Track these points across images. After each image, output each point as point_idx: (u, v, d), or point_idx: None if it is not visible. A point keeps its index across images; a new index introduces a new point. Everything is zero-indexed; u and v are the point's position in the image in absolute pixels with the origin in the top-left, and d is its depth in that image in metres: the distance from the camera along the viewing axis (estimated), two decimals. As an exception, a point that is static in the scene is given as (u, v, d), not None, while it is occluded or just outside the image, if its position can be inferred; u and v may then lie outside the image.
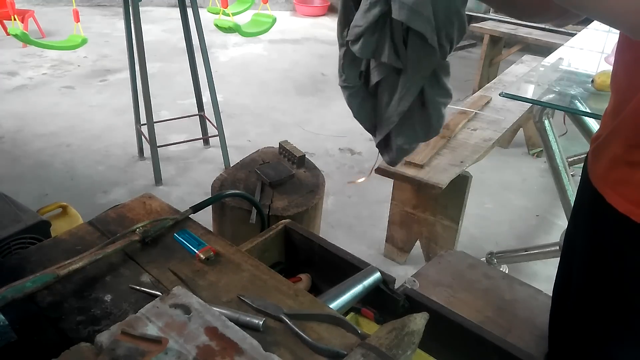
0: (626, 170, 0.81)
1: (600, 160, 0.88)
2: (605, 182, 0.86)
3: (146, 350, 0.62)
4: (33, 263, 0.86)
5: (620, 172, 0.82)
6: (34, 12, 5.69)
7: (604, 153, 0.87)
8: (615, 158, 0.83)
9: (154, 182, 3.08)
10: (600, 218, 0.88)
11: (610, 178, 0.84)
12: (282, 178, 1.91)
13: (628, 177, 0.80)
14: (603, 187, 0.86)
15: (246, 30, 3.69)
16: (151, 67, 3.07)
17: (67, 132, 3.68)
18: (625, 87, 0.81)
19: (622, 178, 0.82)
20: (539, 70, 2.28)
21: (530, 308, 1.38)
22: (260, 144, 2.40)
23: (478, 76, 4.33)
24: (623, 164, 0.81)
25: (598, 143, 0.89)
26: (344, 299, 0.87)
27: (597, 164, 0.89)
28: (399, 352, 0.68)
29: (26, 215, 1.59)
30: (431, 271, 1.49)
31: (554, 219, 2.87)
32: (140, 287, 0.81)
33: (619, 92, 0.84)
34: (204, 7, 3.65)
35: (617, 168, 0.83)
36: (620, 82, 0.84)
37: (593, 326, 0.92)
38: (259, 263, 0.88)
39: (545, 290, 1.41)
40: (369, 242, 2.63)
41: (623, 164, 0.81)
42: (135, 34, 2.79)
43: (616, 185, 0.83)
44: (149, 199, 1.06)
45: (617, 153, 0.82)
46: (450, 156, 2.20)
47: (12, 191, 1.82)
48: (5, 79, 4.61)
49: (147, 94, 2.89)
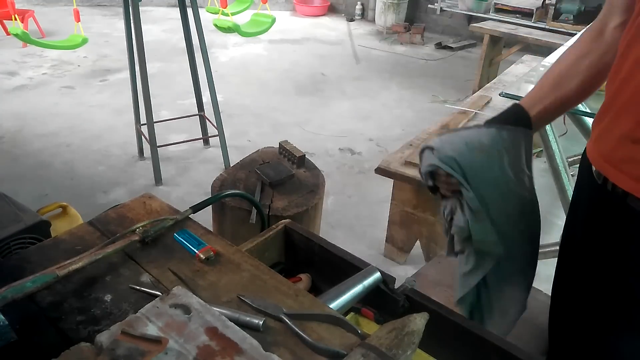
0: (633, 147, 0.81)
1: (604, 140, 0.88)
2: (610, 162, 0.86)
3: (146, 350, 0.62)
4: (33, 263, 0.86)
5: (627, 150, 0.82)
6: (34, 12, 5.69)
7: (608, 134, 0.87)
8: (622, 136, 0.83)
9: (154, 182, 3.08)
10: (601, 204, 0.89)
11: (616, 157, 0.85)
12: (282, 178, 1.91)
13: (634, 154, 0.81)
14: (607, 168, 0.86)
15: (245, 30, 3.69)
16: (151, 67, 3.07)
17: (67, 132, 3.68)
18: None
19: (628, 156, 0.82)
20: (539, 70, 2.28)
21: (530, 308, 1.37)
22: (260, 144, 2.40)
23: (478, 76, 4.33)
24: (630, 141, 0.81)
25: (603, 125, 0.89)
26: (344, 299, 0.87)
27: (600, 145, 0.89)
28: (399, 352, 0.68)
29: (26, 215, 1.59)
30: (431, 271, 1.49)
31: (554, 219, 2.87)
32: (140, 287, 0.81)
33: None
34: (203, 7, 3.65)
35: (624, 146, 0.83)
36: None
37: (595, 318, 0.92)
38: (259, 263, 0.88)
39: (545, 290, 1.41)
40: (369, 242, 2.63)
41: (630, 142, 0.81)
42: (135, 34, 2.79)
43: (622, 163, 0.83)
44: (149, 199, 1.06)
45: (624, 131, 0.82)
46: (450, 156, 2.19)
47: (12, 191, 1.82)
48: (5, 79, 4.61)
49: (147, 94, 2.89)
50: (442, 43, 5.98)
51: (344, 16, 7.17)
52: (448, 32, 6.39)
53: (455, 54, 5.79)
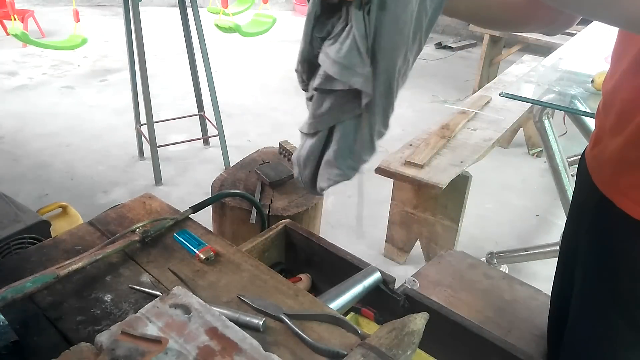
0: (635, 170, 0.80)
1: (607, 164, 0.87)
2: (615, 188, 0.84)
3: (146, 350, 0.62)
4: (33, 263, 0.86)
5: (634, 177, 0.80)
6: (34, 12, 5.70)
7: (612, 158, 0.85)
8: (628, 163, 0.81)
9: (154, 182, 3.08)
10: (607, 223, 0.87)
11: (621, 183, 0.83)
12: (282, 178, 1.91)
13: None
14: (612, 193, 0.85)
15: (246, 31, 3.69)
16: (151, 67, 3.06)
17: (67, 132, 3.68)
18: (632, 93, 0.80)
19: (635, 183, 0.80)
20: (539, 70, 2.28)
21: (530, 308, 1.38)
22: (260, 144, 2.40)
23: (478, 76, 4.33)
24: (638, 168, 0.80)
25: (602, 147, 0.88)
26: (344, 299, 0.87)
27: (603, 169, 0.88)
28: (399, 352, 0.68)
29: (26, 215, 1.59)
30: (431, 271, 1.49)
31: (554, 219, 2.87)
32: (140, 287, 0.81)
33: (623, 100, 0.83)
34: (204, 7, 3.65)
35: (630, 173, 0.81)
36: (624, 88, 0.83)
37: (600, 330, 0.91)
38: (259, 263, 0.88)
39: (545, 290, 1.41)
40: (369, 242, 2.63)
41: (637, 169, 0.80)
42: (135, 34, 2.79)
43: (628, 190, 0.81)
44: (149, 199, 1.06)
45: (631, 158, 0.80)
46: (450, 156, 2.20)
47: (12, 191, 1.83)
48: (5, 79, 4.61)
49: (147, 94, 2.89)
50: (442, 43, 5.98)
51: (344, 16, 7.16)
52: (448, 32, 6.39)
53: (455, 53, 5.79)
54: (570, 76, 2.12)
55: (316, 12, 0.74)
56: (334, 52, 0.72)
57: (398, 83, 0.74)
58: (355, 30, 0.69)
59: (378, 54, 0.70)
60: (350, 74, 0.71)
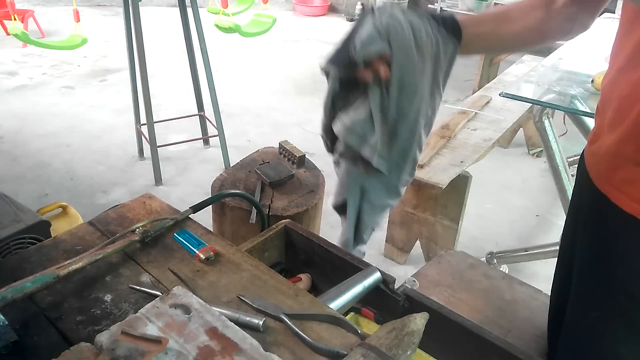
0: (634, 169, 0.80)
1: (603, 160, 0.87)
2: (610, 182, 0.85)
3: (146, 350, 0.62)
4: (33, 263, 0.86)
5: (628, 172, 0.81)
6: (34, 12, 5.69)
7: (608, 153, 0.86)
8: (623, 158, 0.82)
9: (154, 182, 3.08)
10: (603, 219, 0.88)
11: (616, 178, 0.84)
12: (282, 178, 1.91)
13: (636, 176, 0.80)
14: (607, 187, 0.85)
15: (246, 31, 3.69)
16: (151, 67, 3.06)
17: (67, 132, 3.68)
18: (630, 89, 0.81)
19: (630, 178, 0.81)
20: (539, 70, 2.28)
21: (530, 308, 1.38)
22: (260, 144, 2.40)
23: (478, 76, 4.33)
24: (632, 163, 0.81)
25: (599, 143, 0.89)
26: (344, 299, 0.87)
27: (599, 164, 0.89)
28: (399, 352, 0.68)
29: (26, 215, 1.59)
30: (431, 271, 1.49)
31: (554, 219, 2.87)
32: (140, 287, 0.81)
33: (620, 96, 0.83)
34: (203, 7, 3.65)
35: (625, 168, 0.82)
36: (621, 84, 0.83)
37: (597, 327, 0.92)
38: (259, 263, 0.88)
39: (545, 290, 1.41)
40: (369, 242, 2.62)
41: (632, 164, 0.81)
42: (135, 34, 2.79)
43: (623, 184, 0.82)
44: (149, 199, 1.06)
45: (626, 153, 0.81)
46: (450, 156, 2.20)
47: (12, 191, 1.83)
48: (5, 79, 4.61)
49: (147, 94, 2.89)
50: (442, 43, 5.97)
51: (344, 16, 7.16)
52: (448, 32, 6.38)
53: (455, 54, 5.78)
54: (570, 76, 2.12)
55: (335, 89, 0.89)
56: (349, 121, 0.91)
57: (421, 139, 0.92)
58: (372, 105, 0.86)
59: (399, 125, 0.87)
60: (361, 142, 0.90)
